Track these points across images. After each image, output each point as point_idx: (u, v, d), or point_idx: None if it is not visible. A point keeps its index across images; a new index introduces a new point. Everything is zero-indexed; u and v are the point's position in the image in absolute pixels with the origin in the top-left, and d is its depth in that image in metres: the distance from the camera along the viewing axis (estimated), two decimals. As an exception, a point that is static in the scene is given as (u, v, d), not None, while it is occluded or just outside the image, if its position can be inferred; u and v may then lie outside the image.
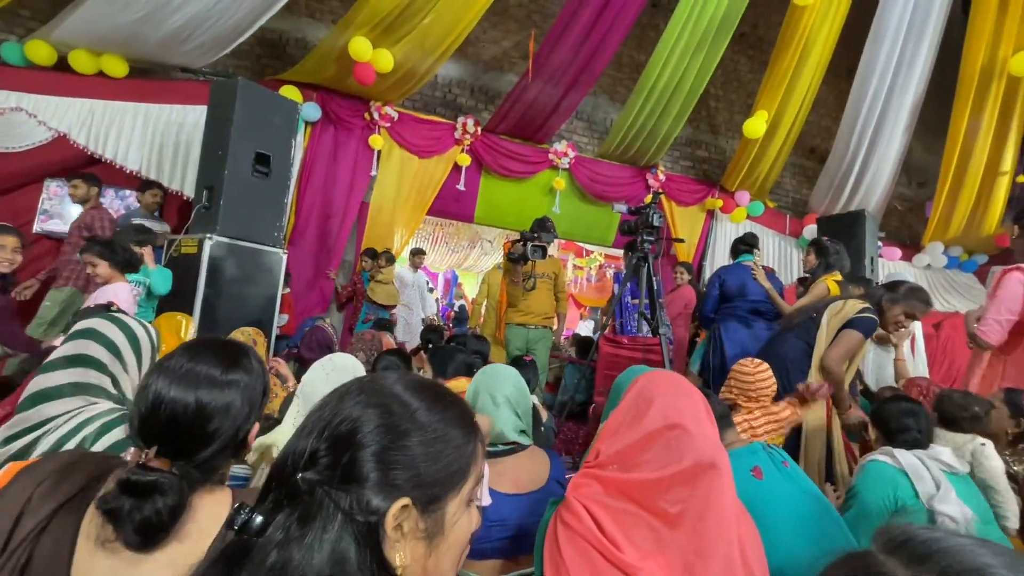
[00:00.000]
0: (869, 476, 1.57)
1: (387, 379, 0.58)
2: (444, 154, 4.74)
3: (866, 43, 4.88)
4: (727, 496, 0.82)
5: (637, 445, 0.89)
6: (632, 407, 0.95)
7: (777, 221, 6.07)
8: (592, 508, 0.86)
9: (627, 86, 5.58)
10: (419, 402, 0.56)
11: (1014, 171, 5.49)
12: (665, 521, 0.82)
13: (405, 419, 0.53)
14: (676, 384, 0.99)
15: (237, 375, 0.77)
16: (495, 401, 1.43)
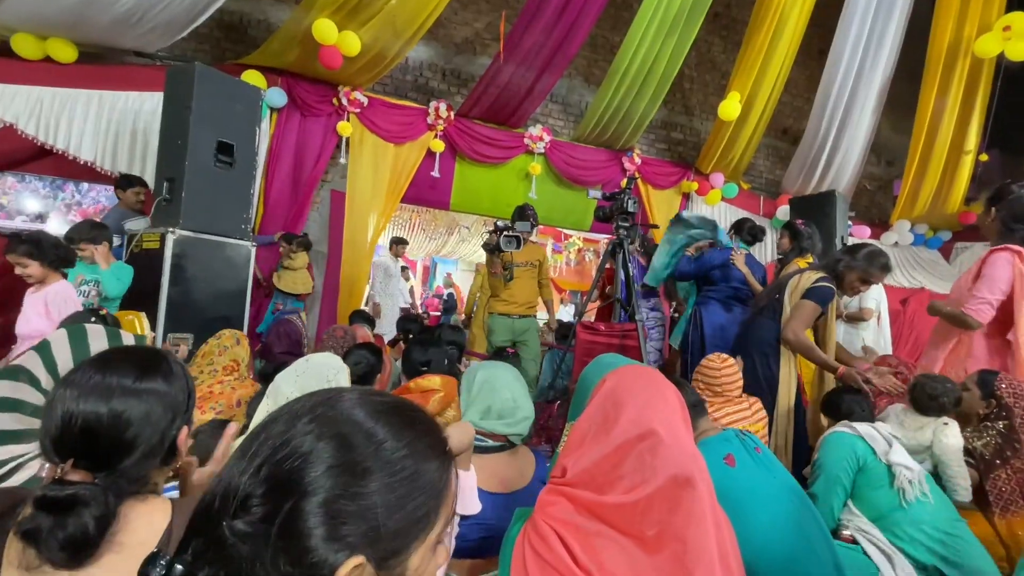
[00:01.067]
0: (830, 445, 1.70)
1: (345, 400, 0.48)
2: (417, 140, 4.64)
3: (838, 23, 4.90)
4: (707, 511, 0.78)
5: (606, 461, 0.83)
6: (600, 412, 0.89)
7: (751, 202, 6.13)
8: (562, 532, 0.80)
9: (602, 68, 5.51)
10: (385, 431, 0.46)
11: (977, 150, 5.63)
12: (642, 545, 0.77)
13: (367, 456, 0.44)
14: (648, 383, 0.92)
15: (153, 383, 0.75)
16: (514, 395, 1.38)
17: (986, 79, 5.22)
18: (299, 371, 1.39)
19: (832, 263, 2.35)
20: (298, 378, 1.37)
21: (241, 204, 3.17)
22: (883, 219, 6.81)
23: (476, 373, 1.44)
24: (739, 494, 1.26)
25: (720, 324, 3.23)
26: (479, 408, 1.35)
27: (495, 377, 1.40)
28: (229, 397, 1.84)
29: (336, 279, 4.46)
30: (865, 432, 1.68)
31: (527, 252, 3.53)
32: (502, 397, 1.36)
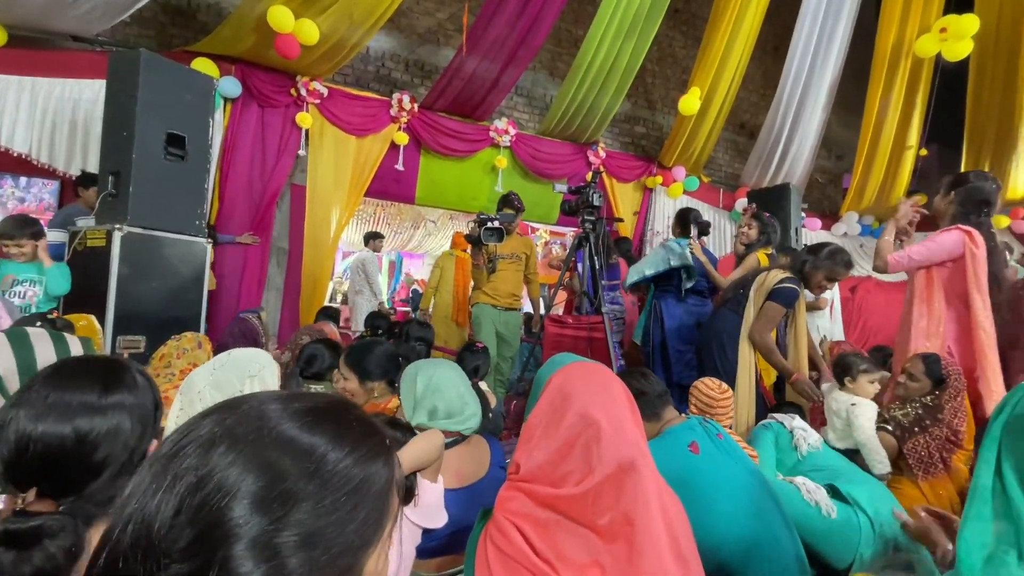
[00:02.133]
0: (756, 429, 1.96)
1: (269, 413, 0.41)
2: (380, 132, 4.54)
3: (796, 22, 5.08)
4: (651, 493, 0.81)
5: (556, 455, 0.86)
6: (548, 408, 0.92)
7: (711, 195, 6.31)
8: (522, 526, 0.83)
9: (566, 61, 5.53)
10: (324, 443, 0.41)
11: (918, 145, 5.96)
12: (597, 534, 0.80)
13: (305, 478, 0.38)
14: (594, 379, 0.95)
15: (119, 395, 0.69)
16: (459, 392, 1.38)
17: (926, 78, 5.53)
18: (217, 364, 1.22)
19: (798, 263, 2.46)
20: (214, 372, 1.21)
21: (195, 199, 3.02)
22: (833, 211, 7.14)
23: (416, 375, 1.38)
24: (703, 481, 1.30)
25: (679, 316, 3.33)
26: (426, 410, 1.33)
27: (437, 377, 1.37)
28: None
29: (298, 276, 4.34)
30: (779, 418, 1.94)
31: (512, 244, 3.48)
32: (448, 397, 1.34)
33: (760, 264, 3.27)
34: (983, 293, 2.14)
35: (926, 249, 2.26)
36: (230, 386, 1.18)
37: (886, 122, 5.70)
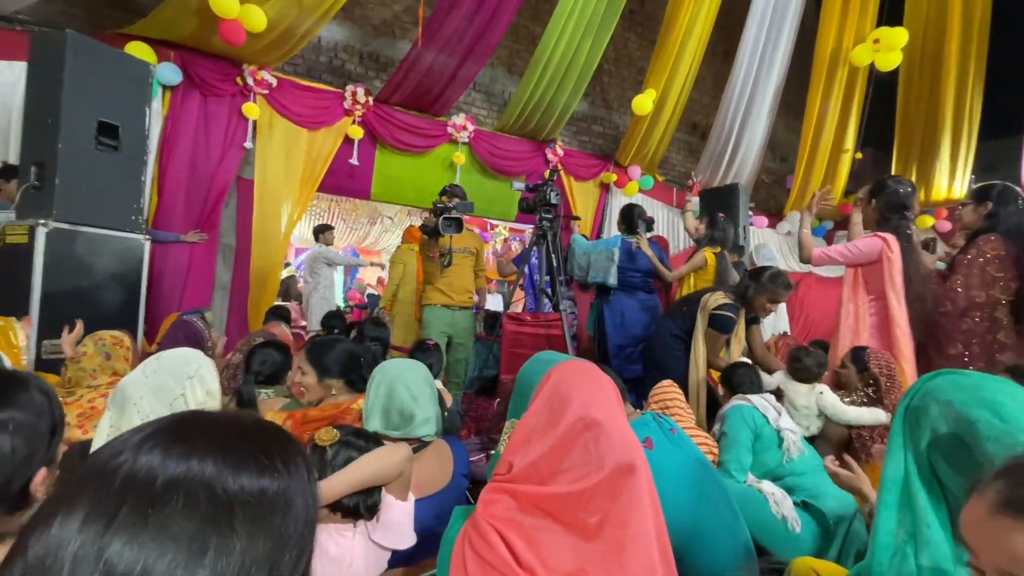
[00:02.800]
0: (732, 416, 1.91)
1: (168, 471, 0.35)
2: (333, 125, 4.40)
3: (743, 29, 5.28)
4: (645, 496, 0.81)
5: (553, 453, 0.84)
6: (546, 408, 0.90)
7: (665, 194, 6.48)
8: (505, 532, 0.80)
9: (524, 59, 5.54)
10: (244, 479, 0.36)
11: (854, 149, 6.34)
12: (583, 534, 0.79)
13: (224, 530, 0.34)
14: (589, 377, 0.95)
15: (7, 413, 0.63)
16: (413, 395, 1.33)
17: (861, 86, 5.88)
18: (149, 370, 1.14)
19: (741, 290, 2.61)
20: (149, 379, 1.12)
21: (131, 193, 2.84)
22: (778, 210, 7.49)
23: (375, 377, 1.36)
24: (656, 474, 1.34)
25: (621, 310, 3.43)
26: (380, 415, 1.30)
27: (392, 380, 1.33)
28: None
29: (246, 274, 4.15)
30: (758, 403, 1.91)
31: (465, 238, 3.41)
32: (399, 401, 1.31)
33: (707, 262, 3.41)
34: (898, 293, 2.32)
35: (848, 251, 2.45)
36: (168, 392, 1.12)
37: (825, 126, 6.03)
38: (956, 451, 0.78)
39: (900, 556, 0.81)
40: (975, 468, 0.75)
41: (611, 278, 3.42)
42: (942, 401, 0.82)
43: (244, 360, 1.81)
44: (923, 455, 0.83)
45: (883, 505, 0.86)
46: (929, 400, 0.84)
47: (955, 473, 0.79)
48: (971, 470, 0.76)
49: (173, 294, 3.78)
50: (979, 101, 5.94)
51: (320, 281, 5.22)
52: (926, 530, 0.79)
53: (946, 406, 0.81)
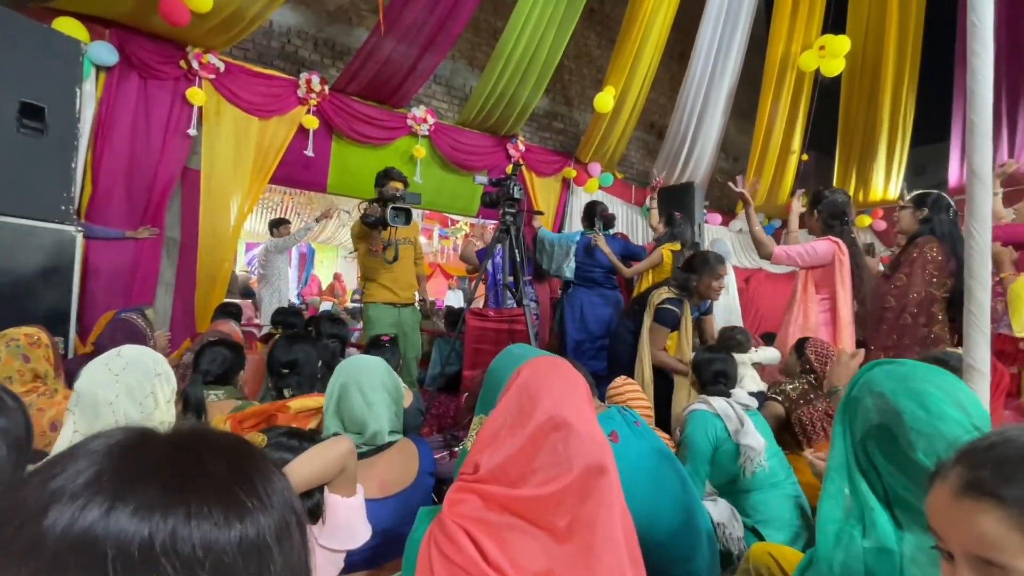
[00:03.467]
0: (693, 422, 1.88)
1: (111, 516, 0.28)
2: (286, 114, 4.21)
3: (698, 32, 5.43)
4: (615, 498, 0.81)
5: (522, 453, 0.82)
6: (516, 404, 0.88)
7: (624, 191, 6.60)
8: (473, 531, 0.78)
9: (485, 52, 5.49)
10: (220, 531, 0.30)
11: (801, 151, 6.66)
12: (553, 536, 0.78)
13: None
14: (560, 374, 0.93)
15: None
16: (368, 401, 1.26)
17: (807, 90, 6.17)
18: (115, 369, 1.09)
19: (683, 282, 2.71)
20: (119, 378, 1.08)
21: (60, 181, 2.62)
22: (730, 208, 7.77)
23: (334, 374, 1.31)
24: (623, 468, 1.35)
25: (580, 306, 3.47)
26: (334, 420, 1.25)
27: (347, 382, 1.27)
28: (38, 421, 1.47)
29: (192, 270, 3.92)
30: (721, 410, 1.85)
31: (406, 228, 3.27)
32: (352, 406, 1.24)
33: (664, 259, 3.50)
34: (847, 292, 2.52)
35: (806, 254, 2.61)
36: (140, 390, 1.09)
37: (774, 129, 6.30)
38: (887, 441, 0.82)
39: (847, 538, 0.84)
40: (904, 457, 0.80)
41: (567, 272, 3.45)
42: (875, 392, 0.86)
43: (193, 359, 1.70)
44: (860, 445, 0.86)
45: (827, 493, 0.89)
46: (865, 391, 0.88)
47: (888, 462, 0.82)
48: (901, 459, 0.80)
49: (113, 291, 3.52)
50: (912, 108, 6.35)
51: (272, 273, 5.01)
52: (870, 513, 0.83)
53: (879, 397, 0.85)
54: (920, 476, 0.77)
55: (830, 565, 0.84)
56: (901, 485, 0.82)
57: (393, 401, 1.30)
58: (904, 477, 0.81)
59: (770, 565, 1.32)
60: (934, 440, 0.76)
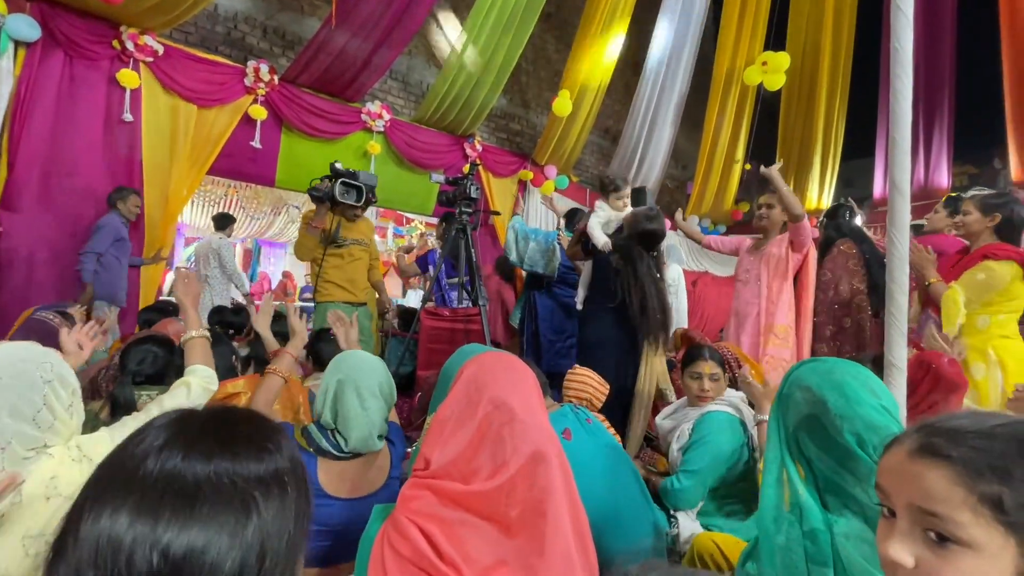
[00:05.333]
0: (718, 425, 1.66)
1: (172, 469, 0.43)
2: (230, 103, 4.01)
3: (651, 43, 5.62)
4: (560, 485, 0.82)
5: (469, 448, 0.83)
6: (464, 396, 0.89)
7: (579, 194, 6.72)
8: (426, 526, 0.78)
9: (443, 50, 5.45)
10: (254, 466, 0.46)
11: (744, 160, 7.01)
12: (505, 528, 0.79)
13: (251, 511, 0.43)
14: (508, 367, 0.94)
15: None
16: (363, 402, 1.17)
17: (750, 103, 6.50)
18: None
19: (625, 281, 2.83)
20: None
21: (-32, 164, 2.38)
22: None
23: (331, 366, 1.23)
24: (575, 464, 1.37)
25: (550, 306, 3.50)
26: (330, 414, 1.19)
27: (346, 379, 1.18)
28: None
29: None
30: (746, 415, 1.70)
31: (360, 227, 3.15)
32: (348, 406, 1.17)
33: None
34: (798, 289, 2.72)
35: (722, 241, 3.10)
36: (31, 406, 0.89)
37: (720, 139, 6.60)
38: (816, 429, 0.91)
39: (787, 523, 0.91)
40: (832, 442, 0.89)
41: (551, 269, 3.42)
42: (803, 387, 0.95)
43: (119, 359, 1.57)
44: (792, 436, 0.95)
45: (766, 483, 0.98)
46: (794, 387, 0.97)
47: (817, 448, 0.91)
48: (829, 444, 0.89)
49: (36, 287, 3.23)
50: (843, 125, 6.83)
51: (212, 273, 4.75)
52: (802, 500, 0.91)
53: (806, 391, 0.94)
54: (845, 458, 0.87)
55: (771, 549, 0.89)
56: (830, 468, 0.90)
57: (387, 407, 1.23)
58: (832, 460, 0.89)
59: (713, 552, 1.38)
60: (855, 422, 0.87)
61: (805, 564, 0.85)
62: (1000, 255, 2.07)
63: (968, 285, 2.08)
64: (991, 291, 2.07)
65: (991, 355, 2.06)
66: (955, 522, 0.48)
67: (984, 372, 2.06)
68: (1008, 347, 2.08)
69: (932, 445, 0.51)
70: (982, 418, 0.52)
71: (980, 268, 2.09)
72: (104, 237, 3.30)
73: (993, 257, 2.08)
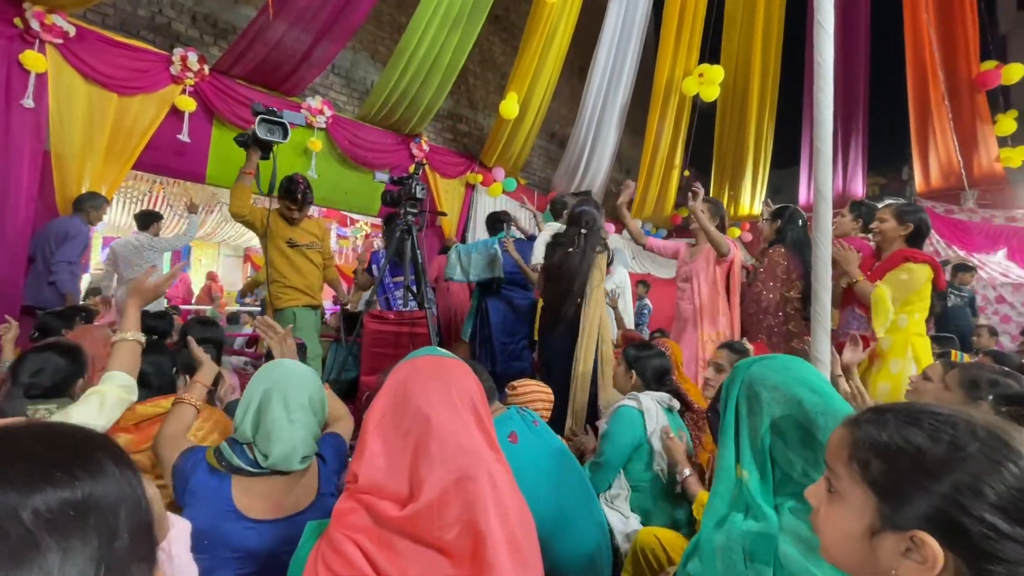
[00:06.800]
0: (621, 420, 1.74)
1: None
2: (155, 93, 3.73)
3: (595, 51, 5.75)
4: (490, 501, 0.78)
5: (397, 465, 0.79)
6: (390, 407, 0.84)
7: (527, 196, 6.77)
8: (362, 542, 0.74)
9: (388, 47, 5.33)
10: (40, 497, 0.36)
11: (682, 166, 7.31)
12: (443, 551, 0.75)
13: (38, 554, 0.35)
14: (440, 375, 0.88)
15: None
16: (290, 414, 1.09)
17: (688, 112, 6.80)
18: None
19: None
20: None
21: None
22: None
23: (257, 376, 1.15)
24: (522, 466, 1.36)
25: (503, 310, 3.51)
26: (250, 427, 1.10)
27: (273, 388, 1.10)
28: None
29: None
30: (647, 408, 1.75)
31: (313, 228, 3.08)
32: (273, 417, 1.08)
33: None
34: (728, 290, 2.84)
35: (663, 245, 3.20)
36: None
37: (661, 146, 6.86)
38: (794, 429, 0.88)
39: (728, 523, 0.90)
40: (813, 441, 0.86)
41: (498, 271, 3.45)
42: (769, 386, 0.92)
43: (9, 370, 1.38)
44: (762, 439, 0.91)
45: (715, 492, 0.95)
46: (758, 388, 0.93)
47: (789, 449, 0.88)
48: (809, 443, 0.86)
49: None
50: (771, 135, 7.28)
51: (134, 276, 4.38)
52: (753, 501, 0.89)
53: (774, 390, 0.91)
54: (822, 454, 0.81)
55: (711, 547, 0.90)
56: (800, 469, 0.87)
57: (317, 423, 1.14)
58: (802, 459, 0.87)
59: (655, 547, 1.41)
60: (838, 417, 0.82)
61: (744, 563, 0.84)
62: (919, 259, 2.25)
63: (893, 285, 2.24)
64: (911, 291, 2.25)
65: (909, 352, 2.24)
66: (836, 474, 0.60)
67: (900, 366, 2.24)
68: (923, 344, 2.28)
69: (854, 420, 0.61)
70: (900, 406, 0.59)
71: (903, 269, 2.25)
72: (77, 246, 3.30)
73: (913, 260, 2.25)
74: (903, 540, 0.52)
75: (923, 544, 0.50)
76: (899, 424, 0.55)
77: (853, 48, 6.66)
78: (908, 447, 0.53)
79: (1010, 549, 0.47)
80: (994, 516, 0.47)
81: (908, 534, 0.51)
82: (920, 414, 0.55)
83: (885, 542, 0.54)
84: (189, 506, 1.06)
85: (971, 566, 0.48)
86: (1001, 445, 0.50)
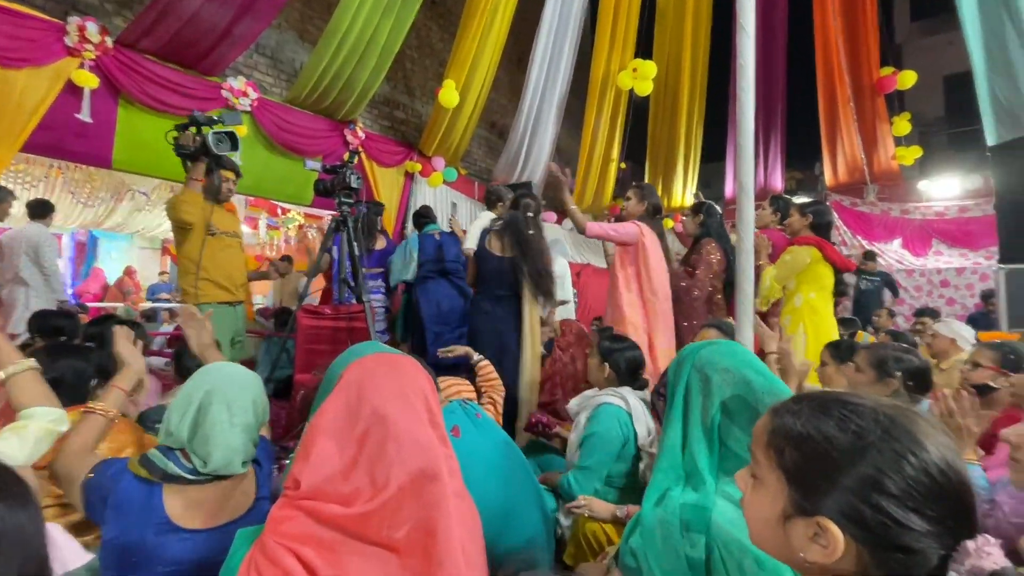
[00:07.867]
0: (605, 418, 1.66)
1: None
2: (48, 66, 3.32)
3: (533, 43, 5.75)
4: (450, 500, 0.78)
5: (347, 466, 0.76)
6: (343, 408, 0.81)
7: (467, 187, 6.71)
8: (301, 551, 0.70)
9: (318, 27, 5.06)
10: None
11: (619, 159, 7.53)
12: (391, 550, 0.73)
13: None
14: (393, 373, 0.87)
15: None
16: (232, 417, 1.03)
17: (624, 106, 6.99)
18: None
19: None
20: None
21: None
22: (563, 208, 8.45)
23: (195, 378, 1.08)
24: (465, 461, 1.35)
25: (437, 300, 3.47)
26: (187, 431, 1.02)
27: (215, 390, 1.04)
28: None
29: None
30: (634, 409, 1.69)
31: (231, 219, 2.93)
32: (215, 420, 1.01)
33: None
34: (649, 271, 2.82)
35: (612, 230, 2.93)
36: None
37: (598, 139, 7.01)
38: (742, 410, 0.93)
39: (666, 498, 0.95)
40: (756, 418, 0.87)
41: (408, 274, 3.46)
42: (719, 369, 0.96)
43: None
44: (712, 418, 0.94)
45: (659, 468, 0.99)
46: (709, 371, 0.97)
47: (737, 427, 0.93)
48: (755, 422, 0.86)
49: None
50: (700, 131, 7.64)
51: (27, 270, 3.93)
52: (695, 468, 0.94)
53: (724, 373, 0.96)
54: None
55: (652, 521, 0.94)
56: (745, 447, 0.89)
57: (257, 427, 1.09)
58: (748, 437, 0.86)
59: (595, 530, 1.45)
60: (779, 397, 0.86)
61: (680, 533, 0.89)
62: (803, 242, 2.63)
63: (778, 265, 2.64)
64: (795, 271, 2.59)
65: (800, 328, 2.56)
66: (756, 460, 0.63)
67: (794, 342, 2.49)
68: (817, 322, 2.58)
69: (777, 407, 0.64)
70: (817, 395, 0.63)
71: (787, 251, 2.66)
72: None
73: (798, 243, 2.64)
74: (810, 525, 0.54)
75: (826, 530, 0.53)
76: (812, 413, 0.58)
77: (773, 50, 7.10)
78: (817, 436, 0.56)
79: (908, 537, 0.50)
80: (893, 506, 0.50)
81: (814, 520, 0.54)
82: (832, 404, 0.58)
83: (796, 527, 0.56)
84: (110, 521, 0.98)
85: (872, 552, 0.51)
86: (903, 434, 0.53)
